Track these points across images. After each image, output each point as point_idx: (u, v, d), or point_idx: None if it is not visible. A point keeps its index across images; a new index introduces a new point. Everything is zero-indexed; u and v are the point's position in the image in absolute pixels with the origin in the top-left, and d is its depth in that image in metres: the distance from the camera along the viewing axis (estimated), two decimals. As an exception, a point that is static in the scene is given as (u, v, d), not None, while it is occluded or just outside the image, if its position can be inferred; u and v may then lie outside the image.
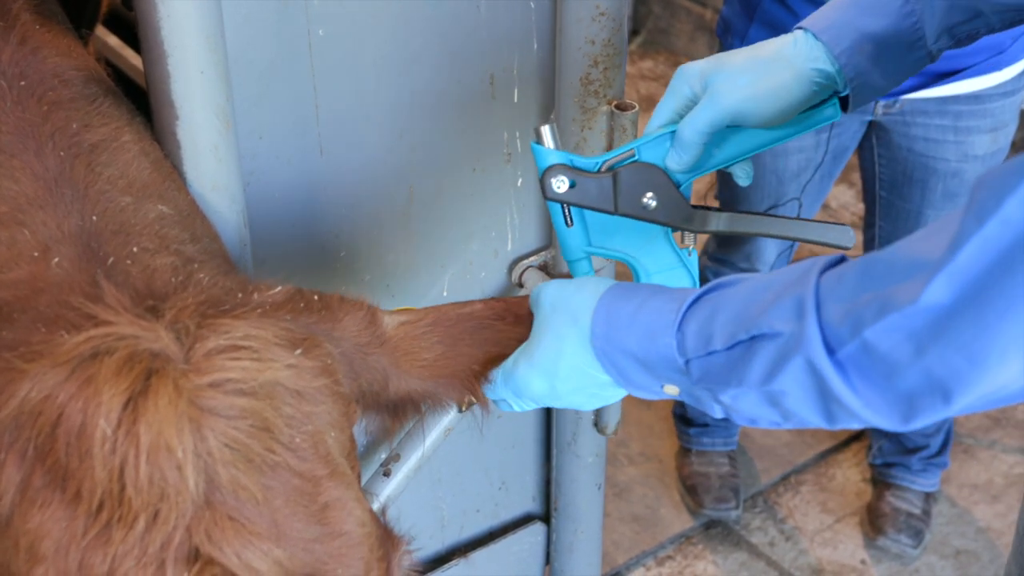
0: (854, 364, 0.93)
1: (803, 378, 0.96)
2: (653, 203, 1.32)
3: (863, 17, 1.30)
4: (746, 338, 1.00)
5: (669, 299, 1.08)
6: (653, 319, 1.07)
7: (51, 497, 0.93)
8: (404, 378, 1.19)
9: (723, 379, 1.03)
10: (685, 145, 1.31)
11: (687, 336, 1.05)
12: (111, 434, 0.91)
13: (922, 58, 1.33)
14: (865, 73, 1.31)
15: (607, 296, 1.12)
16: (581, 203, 1.32)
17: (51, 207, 1.17)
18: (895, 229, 2.65)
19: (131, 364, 0.93)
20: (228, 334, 0.98)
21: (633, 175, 1.32)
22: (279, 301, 1.12)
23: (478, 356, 1.21)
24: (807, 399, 0.97)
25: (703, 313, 1.05)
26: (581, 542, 2.16)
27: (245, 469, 0.94)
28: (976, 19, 1.32)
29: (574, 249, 1.36)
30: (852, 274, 0.94)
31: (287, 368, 1.00)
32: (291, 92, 1.57)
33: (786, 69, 1.30)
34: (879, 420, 0.94)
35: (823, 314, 0.94)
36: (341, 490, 1.01)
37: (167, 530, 0.91)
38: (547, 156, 1.32)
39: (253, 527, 0.94)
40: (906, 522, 2.85)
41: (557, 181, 1.31)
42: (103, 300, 1.00)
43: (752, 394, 1.01)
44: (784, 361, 0.97)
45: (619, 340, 1.10)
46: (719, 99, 1.29)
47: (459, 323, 1.21)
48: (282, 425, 0.97)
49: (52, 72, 1.34)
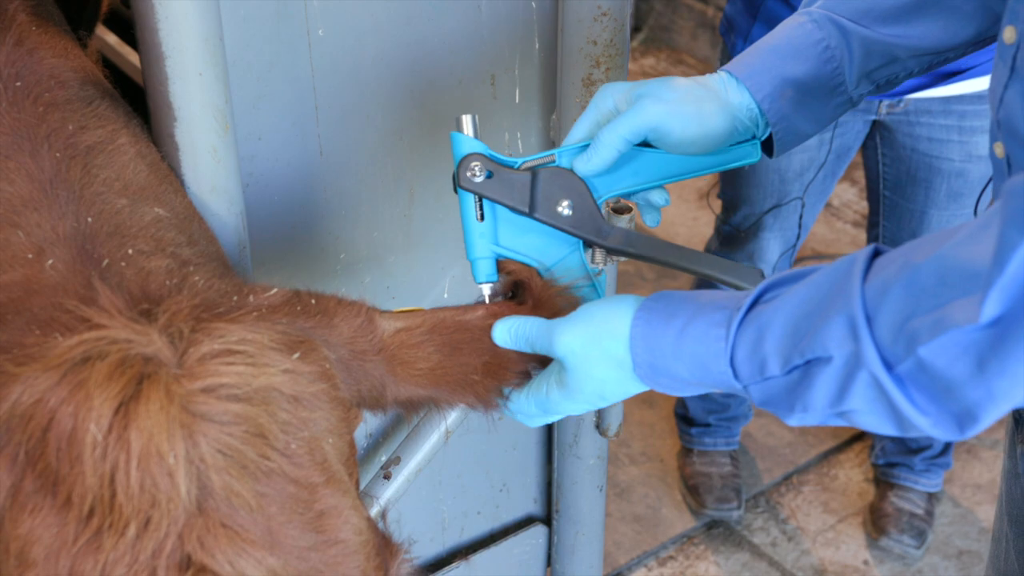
0: (912, 380, 0.93)
1: (872, 396, 0.96)
2: (568, 212, 1.26)
3: (785, 63, 1.32)
4: (801, 362, 1.00)
5: (711, 322, 1.07)
6: (701, 348, 1.06)
7: (42, 502, 0.92)
8: (401, 385, 1.18)
9: (786, 403, 1.03)
10: (599, 147, 1.27)
11: (739, 362, 1.05)
12: (102, 440, 0.90)
13: (844, 103, 1.35)
14: (788, 118, 1.32)
15: (640, 323, 1.10)
16: (496, 197, 1.26)
17: (46, 209, 1.16)
18: (899, 229, 2.64)
19: (123, 369, 0.92)
20: (223, 338, 0.97)
21: (553, 178, 1.26)
22: (275, 304, 1.11)
23: (476, 365, 1.19)
24: (878, 413, 0.98)
25: (751, 337, 1.04)
26: (582, 544, 2.15)
27: (239, 476, 0.93)
28: (893, 63, 1.34)
29: (480, 247, 1.28)
30: (897, 285, 0.93)
31: (283, 373, 0.99)
32: (291, 93, 1.56)
33: (714, 99, 1.31)
34: (938, 431, 0.95)
35: (875, 331, 0.94)
36: (338, 497, 1.00)
37: (159, 537, 0.90)
38: (465, 144, 1.26)
39: (247, 535, 0.93)
40: (909, 522, 2.84)
41: (473, 169, 1.25)
42: (97, 303, 0.99)
43: (821, 415, 1.02)
44: (849, 382, 0.97)
45: (667, 369, 1.09)
46: (643, 109, 1.27)
47: (458, 331, 1.19)
48: (277, 431, 0.96)
49: (48, 73, 1.32)
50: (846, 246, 3.84)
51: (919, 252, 0.93)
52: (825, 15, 1.33)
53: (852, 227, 3.91)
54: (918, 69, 1.36)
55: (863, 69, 1.34)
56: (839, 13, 1.33)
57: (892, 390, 0.94)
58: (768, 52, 1.33)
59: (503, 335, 1.19)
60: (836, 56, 1.32)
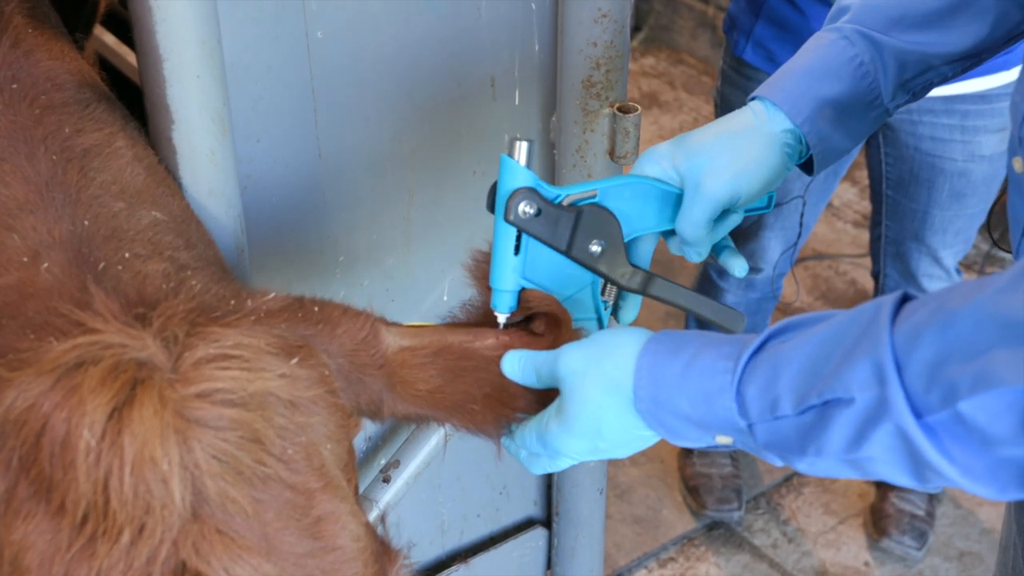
0: (947, 431, 0.89)
1: (893, 444, 0.92)
2: (598, 249, 1.24)
3: (820, 84, 1.30)
4: (819, 403, 0.95)
5: (719, 355, 1.03)
6: (706, 381, 1.02)
7: (36, 509, 0.91)
8: (399, 403, 1.16)
9: (796, 447, 0.98)
10: (693, 242, 1.29)
11: (747, 398, 1.00)
12: (95, 445, 0.89)
13: (881, 115, 1.33)
14: (828, 138, 1.31)
15: (647, 355, 1.07)
16: (540, 235, 1.22)
17: (42, 212, 1.15)
18: (901, 228, 2.64)
19: (116, 374, 0.91)
20: (218, 343, 0.96)
21: (594, 217, 1.24)
22: (274, 309, 1.09)
23: (477, 396, 1.16)
24: (896, 464, 0.93)
25: (763, 373, 0.99)
26: (582, 547, 2.14)
27: (234, 482, 0.92)
28: (928, 71, 1.32)
29: (510, 280, 1.24)
30: (929, 332, 0.89)
31: (280, 378, 0.98)
32: (289, 95, 1.55)
33: (760, 138, 1.29)
34: (976, 487, 0.90)
35: (905, 379, 0.89)
36: (335, 503, 0.99)
37: (153, 544, 0.89)
38: (516, 174, 1.21)
39: (243, 541, 0.92)
40: (910, 524, 2.84)
41: (525, 205, 1.21)
42: (92, 307, 0.98)
43: (833, 461, 0.97)
44: (870, 429, 0.92)
45: (669, 402, 1.04)
46: (707, 190, 1.26)
47: (464, 358, 1.17)
48: (274, 436, 0.95)
49: (45, 76, 1.31)
50: (847, 246, 3.83)
51: (954, 298, 0.89)
52: (856, 30, 1.31)
53: (852, 227, 3.90)
54: (952, 73, 1.34)
55: (899, 80, 1.31)
56: (870, 27, 1.31)
57: (919, 439, 0.89)
58: (802, 74, 1.31)
59: (512, 365, 1.16)
60: (871, 72, 1.30)
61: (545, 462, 1.18)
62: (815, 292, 3.65)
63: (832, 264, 3.77)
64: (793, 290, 3.53)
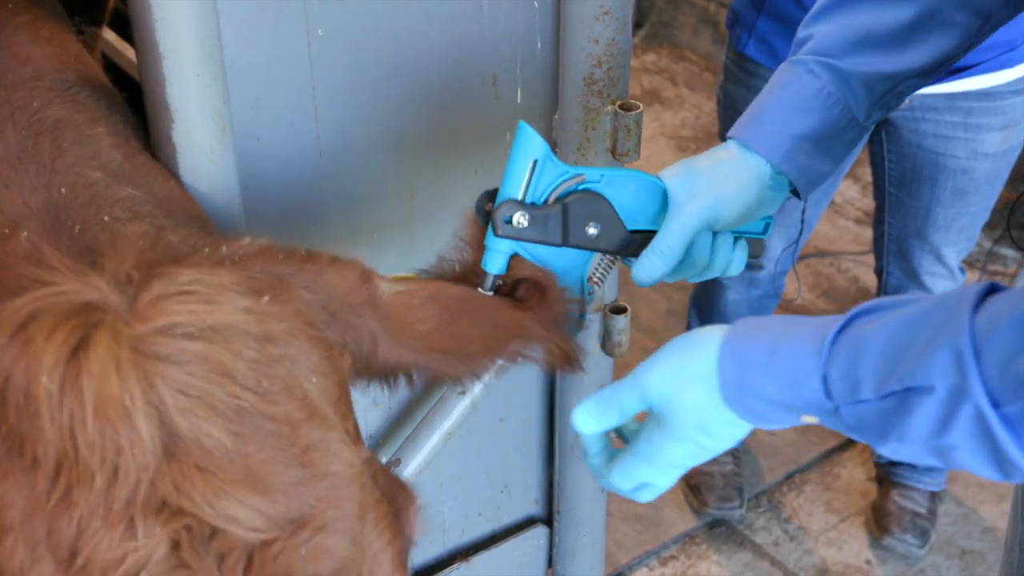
0: (1022, 423, 0.89)
1: (974, 431, 0.92)
2: (595, 231, 1.27)
3: (792, 120, 1.31)
4: (899, 389, 0.96)
5: (803, 338, 1.03)
6: (792, 365, 1.03)
7: (11, 466, 0.89)
8: (394, 347, 1.13)
9: (880, 431, 0.99)
10: (663, 253, 1.30)
11: (832, 381, 1.01)
12: (56, 391, 0.86)
13: (859, 134, 1.35)
14: (808, 168, 1.32)
15: (730, 344, 1.08)
16: (533, 239, 1.25)
17: (16, 185, 1.14)
18: (904, 226, 2.63)
19: (68, 318, 0.89)
20: (175, 280, 0.93)
21: (582, 204, 1.26)
22: (250, 253, 1.06)
23: (475, 337, 1.15)
24: (979, 452, 0.94)
25: (846, 356, 1.00)
26: (584, 545, 2.14)
27: (207, 416, 0.89)
28: (898, 85, 1.34)
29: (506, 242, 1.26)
30: (1008, 323, 0.89)
31: (243, 312, 0.94)
32: (290, 93, 1.55)
33: (743, 170, 1.32)
34: None
35: (983, 367, 0.90)
36: (323, 432, 0.95)
37: (130, 485, 0.87)
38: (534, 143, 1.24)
39: (225, 475, 0.89)
40: (912, 522, 2.83)
41: (511, 217, 1.23)
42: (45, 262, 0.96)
43: (917, 448, 0.98)
44: (952, 416, 0.93)
45: (756, 388, 1.05)
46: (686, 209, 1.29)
47: (461, 300, 1.16)
48: (244, 369, 0.91)
49: (20, 56, 1.30)
50: (849, 243, 3.83)
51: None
52: (817, 61, 1.32)
53: (855, 224, 3.90)
54: (923, 83, 1.35)
55: (869, 101, 1.33)
56: (831, 55, 1.32)
57: (997, 428, 0.90)
58: (774, 112, 1.32)
59: (586, 418, 1.16)
60: (840, 99, 1.31)
61: (654, 487, 1.19)
62: (817, 289, 3.64)
63: (834, 261, 3.76)
64: (795, 287, 3.53)
